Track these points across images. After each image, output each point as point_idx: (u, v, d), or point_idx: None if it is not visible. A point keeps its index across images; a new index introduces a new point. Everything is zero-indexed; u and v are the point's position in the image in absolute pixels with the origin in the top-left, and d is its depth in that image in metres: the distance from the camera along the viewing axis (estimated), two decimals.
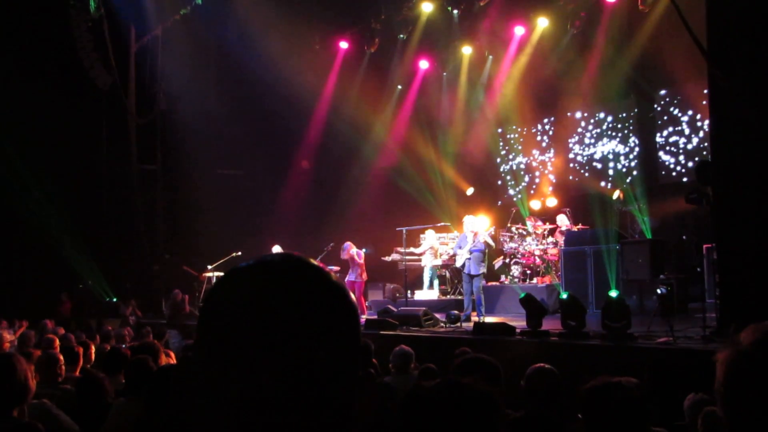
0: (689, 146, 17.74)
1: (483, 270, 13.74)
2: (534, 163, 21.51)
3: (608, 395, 3.15)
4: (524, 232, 17.28)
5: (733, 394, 1.51)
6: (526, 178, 21.47)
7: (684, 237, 16.12)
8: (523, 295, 11.02)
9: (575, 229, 16.31)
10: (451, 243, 17.90)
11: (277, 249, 16.72)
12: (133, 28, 20.25)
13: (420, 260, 18.08)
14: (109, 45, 19.58)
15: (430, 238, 17.81)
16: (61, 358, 6.57)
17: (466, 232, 13.95)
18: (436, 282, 17.98)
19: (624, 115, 19.26)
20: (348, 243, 16.10)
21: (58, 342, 8.79)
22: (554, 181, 20.92)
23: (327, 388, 0.95)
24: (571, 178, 20.35)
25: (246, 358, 0.93)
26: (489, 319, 13.13)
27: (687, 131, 17.82)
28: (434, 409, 2.08)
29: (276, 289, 0.97)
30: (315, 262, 1.05)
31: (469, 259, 13.57)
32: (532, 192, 20.66)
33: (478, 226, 14.34)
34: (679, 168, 17.87)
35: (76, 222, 18.65)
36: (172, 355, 7.45)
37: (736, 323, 1.79)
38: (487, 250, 13.88)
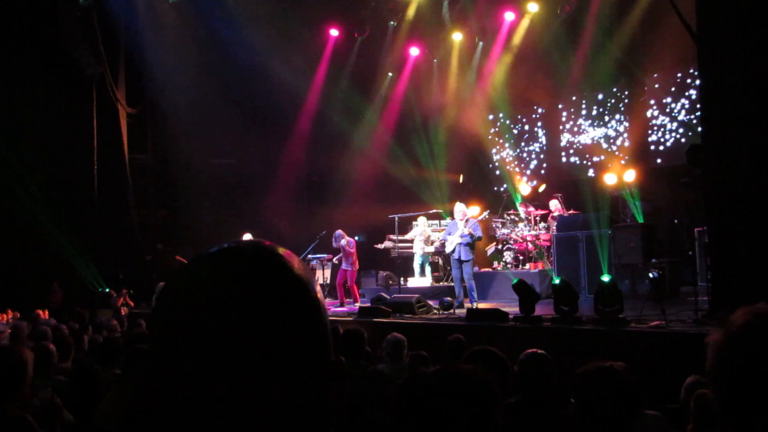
0: (680, 129, 17.75)
1: (472, 256, 13.75)
2: (525, 149, 21.50)
3: (601, 379, 3.16)
4: (516, 218, 17.29)
5: (724, 376, 1.51)
6: (518, 164, 21.46)
7: (676, 220, 16.16)
8: (515, 280, 11.03)
9: (567, 214, 16.32)
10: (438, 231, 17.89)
11: (248, 237, 16.75)
12: (122, 16, 20.11)
13: (412, 247, 18.06)
14: (99, 34, 19.48)
15: (421, 224, 17.79)
16: (54, 349, 6.56)
17: (456, 219, 13.94)
18: (428, 269, 17.97)
19: (614, 99, 19.25)
20: (339, 231, 16.02)
21: (50, 333, 8.76)
22: (546, 166, 20.94)
23: (283, 383, 0.93)
24: (564, 160, 20.36)
25: (195, 350, 0.91)
26: (482, 306, 13.16)
27: (678, 115, 17.83)
28: (433, 395, 2.08)
29: (225, 280, 0.95)
30: (278, 251, 1.02)
31: (461, 244, 13.57)
32: (523, 178, 20.66)
33: (469, 213, 14.33)
34: (669, 152, 17.86)
35: (67, 212, 18.57)
36: None
37: (728, 306, 1.80)
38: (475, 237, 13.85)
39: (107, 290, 18.36)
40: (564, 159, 20.40)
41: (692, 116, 17.18)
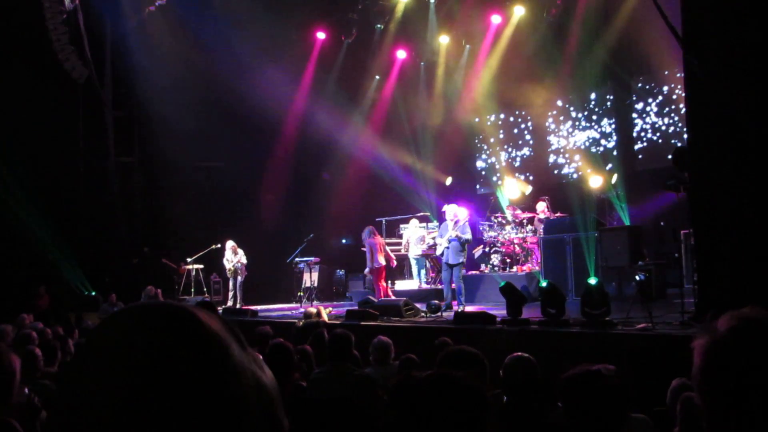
0: (666, 132, 17.82)
1: (462, 259, 13.72)
2: (512, 152, 21.53)
3: (587, 383, 3.16)
4: (503, 221, 17.28)
5: (710, 380, 1.52)
6: (505, 167, 21.46)
7: (662, 223, 16.22)
8: (503, 283, 11.04)
9: (554, 217, 16.35)
10: (433, 232, 17.81)
11: (230, 243, 17.10)
12: (108, 19, 20.03)
13: (404, 251, 18.00)
14: (84, 36, 19.37)
15: (412, 228, 17.73)
16: (40, 353, 6.51)
17: (447, 221, 13.93)
18: (423, 271, 17.85)
19: (601, 102, 19.31)
20: (371, 227, 16.12)
21: (36, 337, 8.69)
22: (532, 169, 20.97)
23: None
24: (550, 163, 20.40)
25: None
26: (469, 308, 13.16)
27: (663, 118, 17.90)
28: (425, 400, 2.07)
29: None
30: (187, 312, 0.94)
31: (448, 248, 13.56)
32: (510, 181, 20.67)
33: (460, 214, 14.28)
34: (656, 154, 17.92)
35: (53, 215, 18.46)
36: None
37: (713, 310, 1.81)
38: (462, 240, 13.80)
39: (93, 294, 18.28)
40: (551, 162, 20.45)
41: (678, 119, 17.26)
